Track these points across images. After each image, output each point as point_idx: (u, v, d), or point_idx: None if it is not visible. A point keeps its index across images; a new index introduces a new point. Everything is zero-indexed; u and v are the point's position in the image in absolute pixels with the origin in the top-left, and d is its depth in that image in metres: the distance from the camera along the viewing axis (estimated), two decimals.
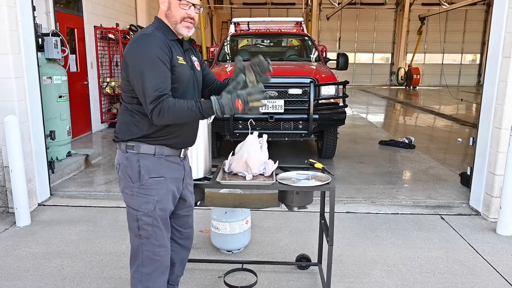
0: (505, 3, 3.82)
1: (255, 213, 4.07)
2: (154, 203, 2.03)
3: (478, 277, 3.04)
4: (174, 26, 2.01)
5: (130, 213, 2.06)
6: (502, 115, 3.87)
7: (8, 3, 3.83)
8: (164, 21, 2.03)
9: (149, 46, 1.89)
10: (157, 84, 1.86)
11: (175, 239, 2.34)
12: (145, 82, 1.86)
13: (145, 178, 2.01)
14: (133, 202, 2.04)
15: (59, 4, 7.24)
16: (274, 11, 25.53)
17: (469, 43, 26.26)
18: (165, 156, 2.06)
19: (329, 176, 2.52)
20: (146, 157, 2.01)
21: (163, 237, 2.10)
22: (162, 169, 2.05)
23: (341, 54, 7.01)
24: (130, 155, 2.02)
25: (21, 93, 4.04)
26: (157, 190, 2.03)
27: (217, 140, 6.08)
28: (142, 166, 2.00)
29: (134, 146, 2.01)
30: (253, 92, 1.91)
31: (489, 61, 4.10)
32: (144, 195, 2.02)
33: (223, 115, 1.91)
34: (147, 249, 2.07)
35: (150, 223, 2.04)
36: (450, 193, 4.86)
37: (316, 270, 3.09)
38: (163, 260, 2.12)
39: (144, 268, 2.09)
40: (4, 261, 3.21)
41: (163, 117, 1.87)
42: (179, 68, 1.98)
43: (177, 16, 1.99)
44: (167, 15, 2.01)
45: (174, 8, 1.99)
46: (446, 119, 11.65)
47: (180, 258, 2.39)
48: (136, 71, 1.89)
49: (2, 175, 4.13)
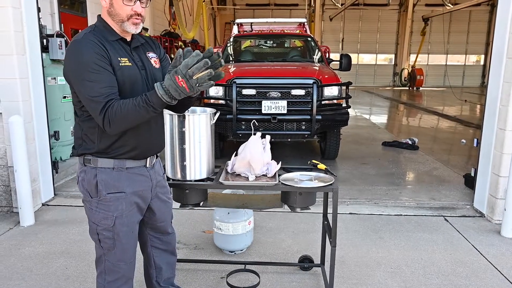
0: (509, 3, 3.81)
1: (258, 214, 4.07)
2: (113, 219, 1.90)
3: (482, 280, 3.02)
4: (120, 25, 1.83)
5: (90, 225, 1.96)
6: (506, 117, 3.86)
7: (13, 5, 3.84)
8: (106, 19, 1.86)
9: (81, 53, 1.73)
10: (99, 90, 1.70)
11: (156, 246, 2.25)
12: (87, 92, 1.71)
13: (102, 194, 1.87)
14: (92, 216, 1.93)
15: (63, 5, 7.27)
16: (277, 12, 25.54)
17: (473, 44, 26.18)
18: (127, 169, 1.91)
19: (332, 177, 2.51)
20: (104, 171, 1.87)
21: (124, 251, 1.99)
22: (122, 183, 1.90)
23: (344, 55, 7.00)
24: (87, 169, 1.89)
25: (25, 94, 4.06)
26: (116, 206, 1.90)
27: (220, 140, 6.09)
28: (100, 181, 1.87)
29: (91, 160, 1.88)
30: (191, 62, 1.61)
31: (493, 62, 4.08)
32: (103, 211, 1.90)
33: (172, 99, 1.67)
34: (108, 260, 2.00)
35: (111, 237, 1.94)
36: (454, 195, 4.85)
37: (318, 271, 3.08)
38: (124, 272, 2.04)
39: (107, 276, 2.03)
40: (8, 261, 3.22)
41: (114, 124, 1.72)
42: (121, 70, 1.81)
43: (122, 14, 1.80)
44: (110, 12, 1.82)
45: (117, 5, 1.79)
46: (449, 120, 11.62)
47: (166, 261, 2.31)
48: (76, 81, 1.75)
49: (7, 175, 4.15)
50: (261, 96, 5.53)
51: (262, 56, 7.58)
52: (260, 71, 6.07)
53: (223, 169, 2.61)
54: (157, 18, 12.45)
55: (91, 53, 1.72)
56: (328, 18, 25.33)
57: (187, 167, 2.37)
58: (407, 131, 9.86)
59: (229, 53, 7.35)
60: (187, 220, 4.00)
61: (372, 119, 11.77)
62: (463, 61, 26.90)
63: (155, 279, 2.31)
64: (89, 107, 1.75)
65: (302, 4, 25.40)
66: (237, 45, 7.84)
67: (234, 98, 5.44)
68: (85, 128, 1.87)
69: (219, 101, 5.62)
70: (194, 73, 1.61)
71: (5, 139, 4.04)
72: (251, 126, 3.15)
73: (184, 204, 2.54)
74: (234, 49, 7.57)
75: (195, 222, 3.97)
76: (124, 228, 1.95)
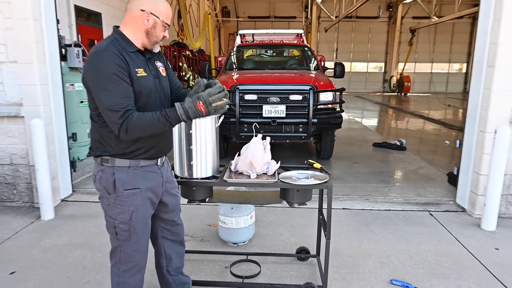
0: (489, 17, 3.81)
1: (258, 209, 4.07)
2: (129, 213, 1.93)
3: (464, 269, 3.02)
4: (152, 44, 1.91)
5: (107, 220, 1.99)
6: (486, 120, 3.86)
7: (34, 17, 3.86)
8: (126, 33, 1.88)
9: (103, 63, 1.73)
10: (118, 101, 1.73)
11: (166, 237, 2.27)
12: (106, 101, 1.73)
13: (120, 191, 1.90)
14: (110, 211, 1.95)
15: (80, 17, 7.29)
16: (276, 23, 25.54)
17: (456, 53, 26.14)
18: (141, 167, 1.95)
19: (327, 175, 2.51)
20: (121, 170, 1.90)
21: (138, 242, 2.01)
22: (137, 181, 1.93)
23: (338, 63, 6.99)
24: (105, 168, 1.91)
25: (46, 99, 4.07)
26: (133, 201, 1.93)
27: (224, 142, 6.10)
28: (117, 179, 1.89)
29: (109, 160, 1.90)
30: (213, 92, 1.79)
31: (474, 70, 4.08)
32: (120, 206, 1.93)
33: (189, 120, 1.80)
34: (123, 251, 2.01)
35: (127, 229, 1.97)
36: (438, 191, 4.84)
37: (314, 262, 3.09)
38: (137, 261, 2.06)
39: (122, 266, 2.04)
40: (30, 252, 3.23)
41: (131, 133, 1.77)
42: (139, 80, 1.83)
43: (159, 36, 1.90)
44: (149, 33, 1.87)
45: (158, 29, 1.88)
46: (434, 123, 11.60)
47: (175, 252, 2.32)
48: (96, 90, 1.75)
49: (29, 173, 4.16)
50: (262, 101, 5.54)
51: (263, 64, 7.58)
52: (261, 78, 6.07)
53: (227, 168, 2.62)
54: None
55: (112, 64, 1.73)
56: (324, 29, 25.32)
57: (194, 166, 2.38)
58: (396, 133, 9.85)
59: (232, 62, 7.35)
60: (194, 215, 4.00)
61: (363, 122, 11.77)
62: (447, 69, 26.86)
63: (165, 268, 2.32)
64: (106, 115, 1.76)
65: (299, 16, 25.51)
66: (240, 54, 7.84)
67: (237, 103, 5.45)
68: (102, 133, 1.88)
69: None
70: (214, 101, 1.79)
71: (27, 141, 4.05)
72: (253, 129, 3.16)
73: (192, 200, 2.55)
74: (237, 58, 7.57)
75: (201, 217, 3.98)
76: (140, 221, 1.98)
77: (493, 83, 3.77)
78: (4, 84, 4.02)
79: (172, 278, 2.34)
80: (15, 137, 4.09)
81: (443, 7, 22.99)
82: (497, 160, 3.61)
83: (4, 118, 4.05)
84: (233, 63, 7.34)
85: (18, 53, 3.89)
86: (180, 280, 2.39)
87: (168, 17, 1.91)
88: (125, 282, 2.06)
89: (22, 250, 3.27)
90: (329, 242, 2.46)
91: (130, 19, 1.88)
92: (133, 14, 1.87)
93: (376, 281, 2.84)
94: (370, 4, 20.28)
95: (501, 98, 3.79)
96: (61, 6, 6.28)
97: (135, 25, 1.87)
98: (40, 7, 3.92)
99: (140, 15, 1.85)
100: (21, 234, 3.58)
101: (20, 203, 4.25)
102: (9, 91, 4.02)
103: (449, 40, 25.88)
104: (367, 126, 10.76)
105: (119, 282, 2.06)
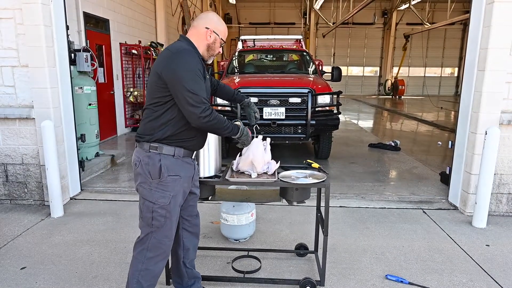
0: (479, 23, 3.81)
1: (259, 207, 4.07)
2: (169, 197, 2.04)
3: (456, 264, 3.02)
4: (208, 56, 2.13)
5: (146, 205, 2.06)
6: (477, 122, 3.85)
7: (45, 23, 3.86)
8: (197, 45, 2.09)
9: (191, 60, 1.95)
10: (201, 92, 1.93)
11: (186, 228, 2.34)
12: (192, 89, 1.90)
13: (164, 176, 2.02)
14: (150, 196, 2.04)
15: (89, 24, 7.29)
16: (276, 29, 25.54)
17: (448, 58, 26.13)
18: (182, 157, 2.08)
19: (325, 175, 2.51)
20: (166, 158, 2.02)
21: (171, 228, 2.10)
22: (178, 168, 2.06)
23: (335, 67, 6.99)
24: (152, 154, 2.02)
25: (56, 101, 4.07)
26: (173, 186, 2.05)
27: (226, 142, 6.09)
28: (163, 165, 2.01)
29: (158, 147, 2.02)
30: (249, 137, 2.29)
31: (465, 74, 4.08)
32: (162, 190, 2.03)
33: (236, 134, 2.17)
34: (155, 237, 2.07)
35: (164, 215, 2.05)
36: (431, 190, 4.84)
37: (312, 257, 3.09)
38: (165, 248, 2.12)
39: (148, 253, 2.08)
40: (40, 248, 3.23)
41: (208, 122, 1.95)
42: (205, 82, 2.06)
43: (216, 51, 2.15)
44: (210, 47, 2.11)
45: (217, 45, 2.13)
46: (427, 124, 11.59)
47: (192, 244, 2.39)
48: (181, 79, 1.90)
49: (39, 173, 4.16)
50: (263, 104, 5.53)
51: (263, 68, 7.58)
52: (261, 81, 6.07)
53: (229, 168, 2.62)
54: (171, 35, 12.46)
55: (198, 63, 1.98)
56: (321, 35, 25.34)
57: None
58: (391, 134, 9.84)
59: (234, 66, 7.35)
60: None
61: (359, 123, 11.76)
62: (439, 73, 26.84)
63: (182, 260, 2.36)
64: (187, 101, 1.90)
65: (298, 23, 25.50)
66: (241, 59, 7.84)
67: (238, 105, 5.44)
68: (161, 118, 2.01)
69: (226, 108, 5.63)
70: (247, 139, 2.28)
71: (38, 141, 4.05)
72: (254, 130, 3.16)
73: None
74: (238, 62, 7.57)
75: (204, 214, 3.97)
76: (175, 207, 2.09)
77: (484, 86, 3.77)
78: (16, 87, 4.02)
79: (186, 271, 2.38)
80: (26, 137, 4.09)
81: (436, 14, 23.03)
82: (487, 160, 3.60)
83: (16, 119, 4.05)
84: (235, 67, 7.34)
85: (29, 57, 3.90)
86: (193, 274, 2.42)
87: (225, 36, 2.16)
88: (147, 269, 2.09)
89: (33, 246, 3.27)
90: (326, 238, 2.46)
91: (195, 34, 2.10)
92: (198, 30, 2.10)
93: (371, 276, 2.83)
94: (366, 11, 20.31)
95: (491, 101, 3.78)
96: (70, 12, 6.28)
97: (199, 39, 2.09)
98: (50, 14, 3.92)
99: (204, 32, 2.09)
100: (32, 230, 3.58)
101: (31, 201, 4.25)
102: (20, 93, 4.03)
103: (441, 45, 25.88)
104: (363, 128, 10.75)
105: (141, 269, 2.08)
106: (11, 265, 2.95)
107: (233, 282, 2.71)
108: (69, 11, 5.64)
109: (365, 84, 27.42)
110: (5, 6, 3.83)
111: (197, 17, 2.16)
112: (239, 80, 6.08)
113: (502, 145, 3.85)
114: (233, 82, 5.91)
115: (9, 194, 4.25)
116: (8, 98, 4.04)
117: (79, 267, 2.92)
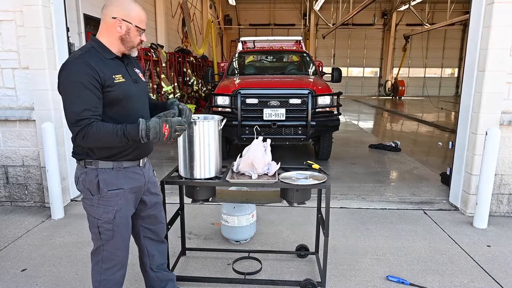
0: (479, 24, 3.81)
1: (259, 208, 4.07)
2: (113, 212, 1.90)
3: (457, 265, 3.01)
4: (129, 49, 1.89)
5: (91, 220, 1.94)
6: (477, 122, 3.85)
7: (45, 25, 3.87)
8: (103, 41, 1.85)
9: (72, 72, 1.71)
10: (77, 109, 1.69)
11: (147, 236, 2.22)
12: (67, 107, 1.71)
13: (104, 191, 1.86)
14: (93, 211, 1.91)
15: (89, 26, 7.30)
16: (276, 30, 25.56)
17: (448, 59, 26.13)
18: (124, 168, 1.91)
19: (325, 176, 2.51)
20: (104, 171, 1.86)
21: (122, 240, 1.99)
22: (120, 181, 1.90)
23: (335, 68, 7.00)
24: (89, 170, 1.87)
25: (56, 103, 4.07)
26: (116, 201, 1.89)
27: (226, 144, 6.09)
28: (101, 180, 1.86)
29: (93, 162, 1.86)
30: (182, 122, 1.80)
31: (466, 75, 4.08)
32: (104, 206, 1.88)
33: (147, 138, 1.72)
34: (106, 250, 1.98)
35: (111, 228, 1.93)
36: (432, 191, 4.83)
37: (313, 259, 3.08)
38: (120, 259, 2.03)
39: (103, 264, 2.01)
40: (40, 250, 3.23)
41: (87, 140, 1.73)
42: (116, 86, 1.80)
43: (135, 41, 1.87)
44: (123, 39, 1.84)
45: (132, 34, 1.85)
46: (428, 125, 11.59)
47: (157, 250, 2.28)
48: (61, 95, 1.75)
49: (40, 174, 4.16)
50: (263, 105, 5.53)
51: (264, 69, 7.58)
52: (261, 82, 6.07)
53: (229, 169, 2.62)
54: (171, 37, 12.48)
55: (81, 74, 1.70)
56: (321, 36, 25.34)
57: (198, 167, 2.39)
58: (391, 135, 9.84)
59: (234, 67, 7.35)
60: (198, 214, 3.99)
61: (360, 124, 11.75)
62: (439, 73, 26.84)
63: (148, 266, 2.28)
64: (69, 121, 1.73)
65: (298, 24, 25.54)
66: (241, 60, 7.85)
67: (239, 106, 5.45)
68: None
69: (226, 109, 5.63)
70: (177, 130, 1.78)
71: (38, 143, 4.05)
72: (254, 131, 3.16)
73: (195, 200, 2.55)
74: (239, 63, 7.57)
75: (205, 216, 3.97)
76: (123, 220, 1.95)
77: (484, 87, 3.77)
78: (16, 89, 4.02)
79: (155, 275, 2.31)
80: (27, 139, 4.10)
81: (436, 14, 23.03)
82: (488, 160, 3.60)
83: (17, 121, 4.05)
84: (235, 68, 7.34)
85: (30, 59, 3.90)
86: (164, 276, 2.35)
87: (141, 21, 1.87)
88: (106, 279, 2.03)
89: (33, 248, 3.26)
90: (327, 239, 2.45)
91: (104, 27, 1.85)
92: (106, 22, 1.84)
93: (372, 277, 2.83)
94: (366, 12, 20.32)
95: (491, 101, 3.78)
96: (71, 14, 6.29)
97: (109, 32, 1.84)
98: (51, 16, 3.93)
99: (112, 22, 1.82)
100: (32, 232, 3.58)
101: (31, 203, 4.25)
102: (21, 95, 4.03)
103: (441, 46, 25.88)
104: (363, 128, 10.74)
105: (101, 280, 2.03)
106: (11, 267, 2.95)
107: (234, 283, 2.70)
108: (70, 13, 5.65)
109: (365, 85, 27.42)
110: (6, 8, 3.84)
111: (104, 5, 1.86)
112: (239, 81, 6.08)
113: (502, 145, 3.85)
114: (233, 84, 5.91)
115: (10, 196, 4.25)
116: (8, 100, 4.05)
117: (80, 269, 2.92)
